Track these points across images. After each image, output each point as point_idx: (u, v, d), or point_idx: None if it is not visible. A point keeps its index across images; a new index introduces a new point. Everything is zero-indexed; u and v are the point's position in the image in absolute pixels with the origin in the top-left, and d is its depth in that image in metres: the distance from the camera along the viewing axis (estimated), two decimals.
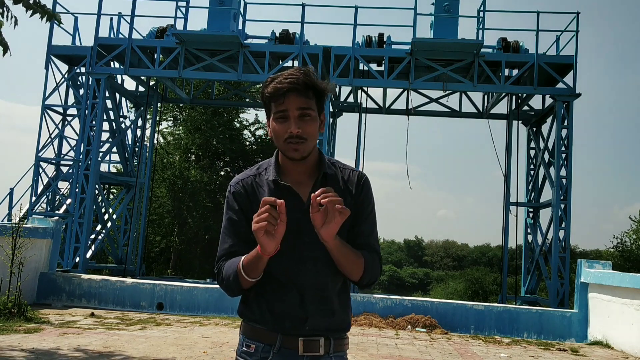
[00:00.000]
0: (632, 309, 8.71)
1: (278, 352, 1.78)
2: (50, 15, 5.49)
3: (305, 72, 1.80)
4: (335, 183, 1.87)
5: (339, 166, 1.92)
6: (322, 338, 1.80)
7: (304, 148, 1.78)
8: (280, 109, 1.78)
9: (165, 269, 21.42)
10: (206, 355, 6.70)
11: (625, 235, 25.28)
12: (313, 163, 1.87)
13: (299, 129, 1.76)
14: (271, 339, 1.79)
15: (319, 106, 1.83)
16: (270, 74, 13.94)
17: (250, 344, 1.82)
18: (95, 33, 13.24)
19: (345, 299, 1.89)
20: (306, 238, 1.80)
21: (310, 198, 1.73)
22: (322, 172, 1.85)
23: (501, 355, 8.10)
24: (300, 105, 1.77)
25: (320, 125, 1.84)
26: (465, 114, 15.25)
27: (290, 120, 1.77)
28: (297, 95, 1.77)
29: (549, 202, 13.01)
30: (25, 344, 6.72)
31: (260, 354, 1.80)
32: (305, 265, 1.80)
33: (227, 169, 23.07)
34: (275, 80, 1.81)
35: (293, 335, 1.78)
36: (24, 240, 9.34)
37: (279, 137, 1.79)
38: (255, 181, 1.87)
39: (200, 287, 10.98)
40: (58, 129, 13.95)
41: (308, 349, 1.78)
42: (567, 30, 12.75)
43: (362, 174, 1.92)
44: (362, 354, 7.35)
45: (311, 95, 1.79)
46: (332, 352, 1.82)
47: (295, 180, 1.85)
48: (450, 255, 74.57)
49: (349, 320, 1.90)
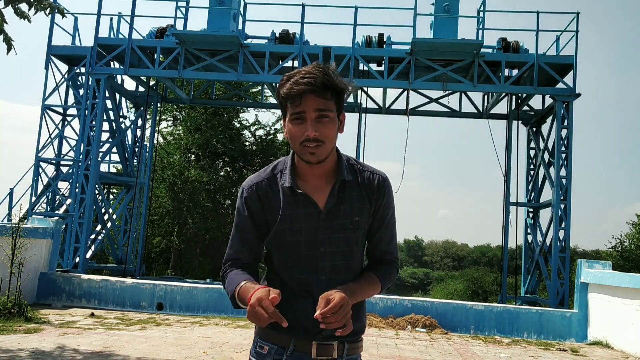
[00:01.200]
0: (632, 309, 8.71)
1: (291, 355, 1.76)
2: (52, 7, 5.42)
3: (324, 70, 1.69)
4: (354, 189, 1.80)
5: (358, 168, 1.83)
6: (336, 342, 1.77)
7: (321, 152, 1.69)
8: (296, 111, 1.68)
9: (165, 269, 21.42)
10: (206, 355, 6.70)
11: (625, 237, 25.34)
12: (331, 166, 1.79)
13: (316, 132, 1.67)
14: (285, 341, 1.77)
15: (339, 106, 1.74)
16: (270, 74, 13.97)
17: (263, 345, 1.80)
18: (95, 33, 13.24)
19: (360, 304, 1.83)
20: (322, 248, 1.75)
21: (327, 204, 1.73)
22: (340, 180, 1.77)
23: (501, 355, 8.10)
24: (317, 106, 1.67)
25: (340, 127, 1.75)
26: (465, 114, 15.25)
27: (307, 122, 1.67)
28: (315, 96, 1.66)
29: (549, 202, 13.01)
30: (25, 344, 6.72)
31: (273, 355, 1.78)
32: (322, 276, 1.76)
33: (227, 169, 23.06)
34: (291, 80, 1.69)
35: (307, 340, 1.76)
36: (24, 240, 9.34)
37: (295, 139, 1.70)
38: (269, 186, 1.79)
39: (200, 287, 10.98)
40: (58, 129, 13.96)
41: (321, 353, 1.75)
42: (567, 30, 12.75)
43: (382, 177, 1.84)
44: (362, 354, 7.34)
45: (330, 96, 1.69)
46: (346, 355, 1.80)
47: (312, 186, 1.77)
48: (450, 255, 74.62)
49: (363, 324, 1.87)
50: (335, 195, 1.76)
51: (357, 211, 1.78)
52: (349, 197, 1.78)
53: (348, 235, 1.77)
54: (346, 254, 1.78)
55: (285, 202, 1.75)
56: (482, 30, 12.47)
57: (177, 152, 22.19)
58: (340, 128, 1.76)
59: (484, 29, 12.48)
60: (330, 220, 1.75)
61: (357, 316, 1.79)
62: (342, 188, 1.78)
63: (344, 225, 1.76)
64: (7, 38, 5.40)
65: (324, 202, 1.76)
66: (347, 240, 1.77)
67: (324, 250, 1.75)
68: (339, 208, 1.76)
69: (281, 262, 1.79)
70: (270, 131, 22.43)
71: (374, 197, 1.80)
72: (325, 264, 1.75)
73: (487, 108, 14.80)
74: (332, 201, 1.76)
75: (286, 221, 1.75)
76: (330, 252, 1.75)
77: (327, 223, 1.75)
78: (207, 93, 17.55)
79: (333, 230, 1.76)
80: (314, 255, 1.75)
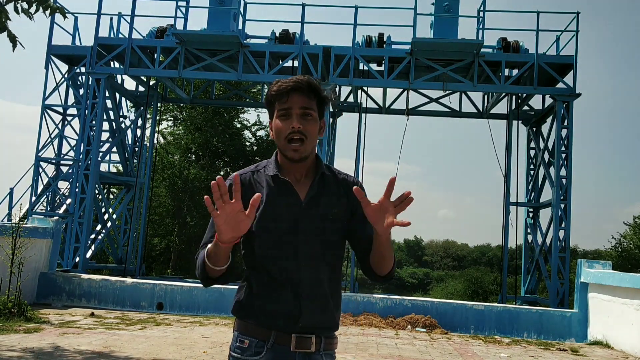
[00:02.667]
0: (632, 309, 8.71)
1: (272, 347, 1.83)
2: (53, 9, 5.40)
3: (309, 77, 1.90)
4: (332, 184, 1.94)
5: (334, 170, 2.01)
6: (314, 336, 1.85)
7: (304, 148, 1.85)
8: (283, 107, 1.86)
9: (165, 268, 21.43)
10: (206, 355, 6.70)
11: (623, 238, 25.37)
12: (310, 165, 1.94)
13: (301, 125, 1.83)
14: (265, 335, 1.83)
15: (320, 110, 1.92)
16: (270, 74, 13.98)
17: (244, 339, 1.86)
18: (95, 33, 13.24)
19: (337, 298, 1.94)
20: (302, 235, 1.85)
21: (307, 194, 1.85)
22: (320, 172, 1.92)
23: (501, 355, 8.10)
24: (302, 104, 1.85)
25: (320, 130, 1.92)
26: (465, 114, 15.25)
27: (293, 117, 1.85)
28: (300, 94, 1.86)
29: (549, 202, 13.01)
30: (25, 344, 6.72)
31: (254, 349, 1.84)
32: (302, 262, 1.84)
33: (227, 169, 23.07)
34: (280, 82, 1.90)
35: (286, 332, 1.83)
36: (24, 240, 9.34)
37: (280, 134, 1.86)
38: (253, 177, 1.92)
39: (200, 287, 10.97)
40: (58, 128, 13.95)
41: (300, 346, 1.83)
42: (567, 30, 12.75)
43: (356, 178, 2.02)
44: (362, 354, 7.35)
45: (313, 97, 1.88)
46: (322, 350, 1.87)
47: (293, 179, 1.90)
48: (450, 255, 74.56)
49: (338, 320, 1.96)
50: (315, 187, 1.90)
51: (334, 204, 1.91)
52: (327, 191, 1.92)
53: (327, 225, 1.88)
54: (325, 244, 1.88)
55: (269, 190, 1.88)
56: (482, 30, 12.47)
57: (177, 152, 22.20)
58: (320, 132, 1.92)
59: (484, 29, 12.49)
60: (310, 209, 1.87)
61: (335, 308, 1.91)
62: (322, 182, 1.92)
63: (324, 216, 1.88)
64: (11, 35, 5.38)
65: (304, 193, 1.89)
66: (325, 230, 1.88)
67: (303, 238, 1.85)
68: (319, 200, 1.89)
69: (263, 249, 1.86)
70: None
71: (351, 195, 1.90)
72: (304, 251, 1.85)
73: (487, 108, 14.80)
74: (312, 192, 1.89)
75: (269, 207, 1.85)
76: (309, 240, 1.85)
77: (307, 212, 1.86)
78: (207, 93, 17.55)
79: (312, 219, 1.86)
80: (295, 242, 1.84)
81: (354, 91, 14.81)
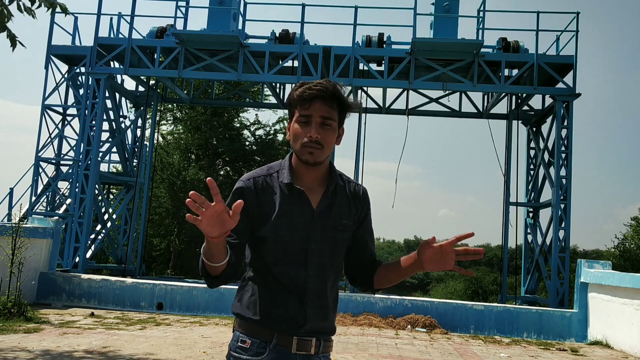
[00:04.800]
0: (632, 309, 8.71)
1: (274, 348, 1.84)
2: (54, 6, 5.37)
3: (335, 84, 1.89)
4: (344, 195, 1.97)
5: (345, 179, 2.02)
6: (314, 339, 1.88)
7: (319, 154, 1.85)
8: (304, 114, 1.85)
9: (165, 268, 21.42)
10: (206, 355, 6.70)
11: (624, 238, 25.37)
12: (324, 171, 1.94)
13: (319, 135, 1.83)
14: (267, 336, 1.85)
15: (340, 119, 1.91)
16: (270, 74, 13.96)
17: (245, 339, 1.86)
18: (95, 33, 13.24)
19: (336, 303, 1.98)
20: (313, 245, 1.87)
21: (320, 204, 1.87)
22: (335, 183, 1.94)
23: (501, 355, 8.10)
24: (323, 113, 1.85)
25: (338, 139, 1.92)
26: (465, 114, 15.25)
27: (312, 125, 1.84)
28: (323, 103, 1.84)
29: (549, 202, 13.00)
30: (25, 344, 6.72)
31: (256, 349, 1.85)
32: (311, 271, 1.86)
33: (227, 169, 23.06)
34: (304, 86, 1.88)
35: (288, 334, 1.85)
36: (24, 240, 9.34)
37: (297, 138, 1.86)
38: (266, 181, 1.91)
39: (200, 287, 10.97)
40: (58, 128, 13.95)
41: (301, 348, 1.85)
42: (567, 30, 12.74)
43: (364, 189, 2.05)
44: (362, 354, 7.35)
45: (335, 107, 1.87)
46: (321, 352, 1.90)
47: (307, 186, 1.91)
48: None
49: (335, 325, 2.00)
50: (328, 198, 1.91)
51: (345, 215, 1.94)
52: (339, 201, 1.94)
53: (337, 236, 1.91)
54: (333, 253, 1.91)
55: (282, 197, 1.87)
56: (482, 30, 12.46)
57: (176, 152, 22.19)
58: (338, 140, 1.92)
59: (484, 28, 12.48)
60: (322, 219, 1.89)
61: (334, 314, 1.95)
62: (335, 192, 1.94)
63: (334, 225, 1.91)
64: (11, 34, 5.37)
65: (317, 202, 1.90)
66: (335, 240, 1.91)
67: (314, 247, 1.87)
68: (330, 210, 1.91)
69: (273, 256, 1.86)
70: (270, 131, 22.43)
71: (359, 205, 1.98)
72: (314, 260, 1.87)
73: (487, 108, 14.79)
74: (325, 202, 1.91)
75: (283, 215, 1.85)
76: (320, 250, 1.87)
77: (319, 222, 1.88)
78: (207, 93, 17.55)
79: (324, 229, 1.88)
80: (305, 251, 1.86)
81: (354, 91, 14.80)
